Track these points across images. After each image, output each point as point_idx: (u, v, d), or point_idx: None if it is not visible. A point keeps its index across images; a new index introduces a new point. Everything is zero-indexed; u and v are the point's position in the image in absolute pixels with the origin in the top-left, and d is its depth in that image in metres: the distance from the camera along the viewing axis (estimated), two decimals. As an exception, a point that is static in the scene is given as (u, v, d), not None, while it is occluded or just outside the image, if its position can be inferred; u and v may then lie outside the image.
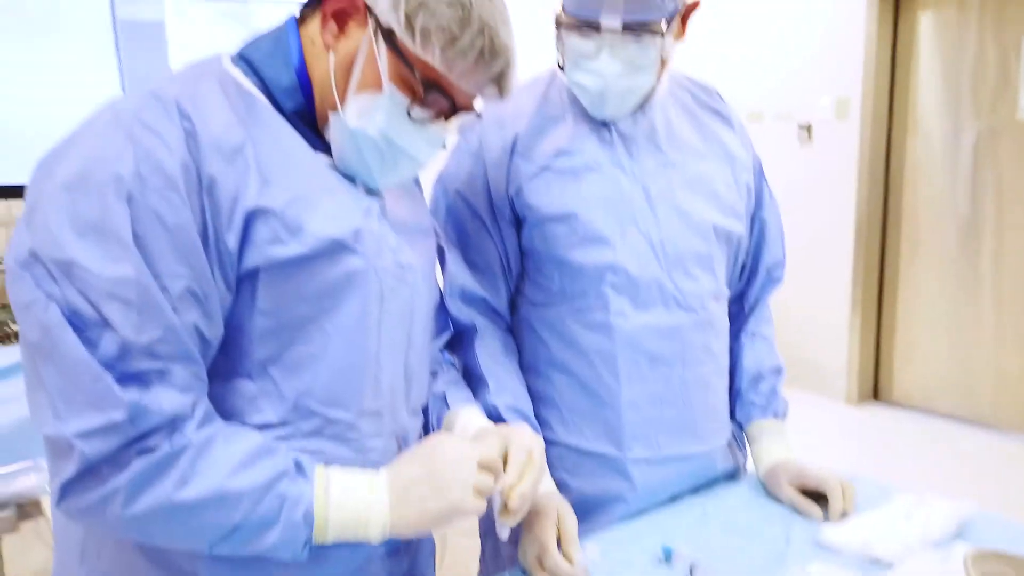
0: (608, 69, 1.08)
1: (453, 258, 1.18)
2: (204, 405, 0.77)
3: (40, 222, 0.72)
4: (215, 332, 0.78)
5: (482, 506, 0.84)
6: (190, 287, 0.74)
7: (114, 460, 0.72)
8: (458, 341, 1.20)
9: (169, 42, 2.40)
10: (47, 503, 1.36)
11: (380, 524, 0.81)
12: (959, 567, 0.95)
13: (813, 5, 4.15)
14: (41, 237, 0.71)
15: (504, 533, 0.92)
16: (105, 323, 0.71)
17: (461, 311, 1.18)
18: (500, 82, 0.87)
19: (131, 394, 0.71)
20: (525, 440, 0.94)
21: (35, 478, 1.39)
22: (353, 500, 0.80)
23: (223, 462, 0.75)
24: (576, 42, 1.08)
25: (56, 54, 2.32)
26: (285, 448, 0.81)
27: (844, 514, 1.16)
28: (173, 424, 0.74)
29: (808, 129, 4.24)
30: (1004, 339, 3.76)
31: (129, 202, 0.71)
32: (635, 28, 1.05)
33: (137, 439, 0.72)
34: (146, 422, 0.72)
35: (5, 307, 3.05)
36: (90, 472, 0.72)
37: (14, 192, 2.42)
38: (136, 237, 0.72)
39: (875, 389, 4.30)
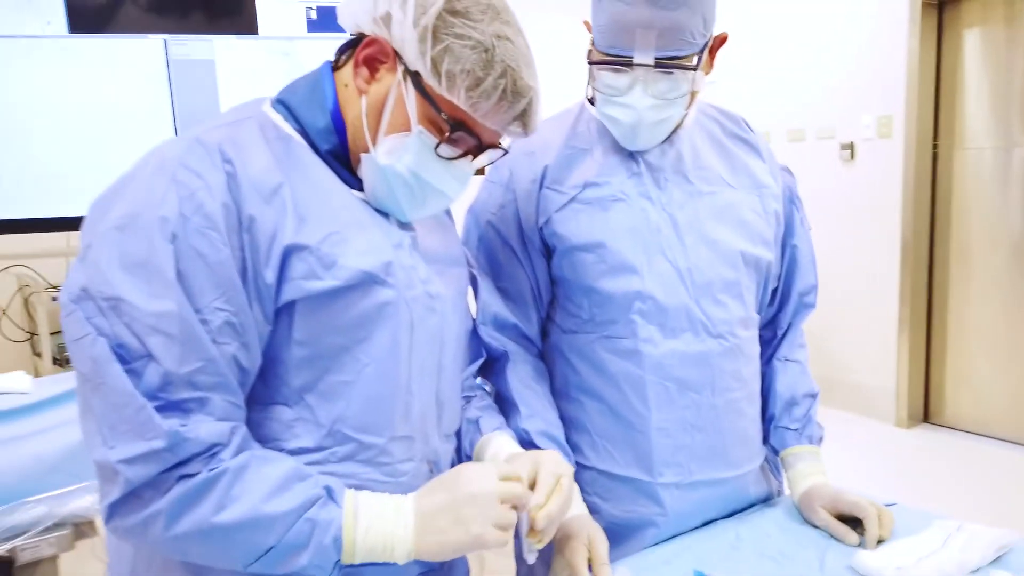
0: (640, 103, 1.10)
1: (485, 286, 1.21)
2: (241, 432, 0.81)
3: (92, 260, 0.77)
4: (253, 362, 0.83)
5: (503, 539, 0.85)
6: (229, 320, 0.79)
7: (156, 485, 0.76)
8: (490, 367, 1.23)
9: (219, 78, 2.50)
10: (101, 522, 1.43)
11: (405, 549, 0.83)
12: (994, 595, 0.94)
13: (854, 24, 4.13)
14: (92, 274, 0.77)
15: (531, 557, 0.94)
16: (149, 355, 0.75)
17: (493, 338, 1.21)
18: (523, 120, 0.90)
19: (171, 423, 0.75)
20: (554, 465, 0.96)
21: (90, 499, 1.45)
22: (380, 525, 0.83)
23: (257, 488, 0.79)
24: (609, 77, 1.11)
25: (113, 93, 2.44)
26: (316, 473, 0.84)
27: (880, 540, 1.14)
28: (211, 451, 0.78)
29: (851, 148, 4.20)
30: (1061, 359, 3.66)
31: (173, 241, 0.76)
32: (667, 64, 1.08)
33: (177, 465, 0.76)
34: (184, 450, 0.76)
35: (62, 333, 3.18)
36: (134, 495, 0.76)
37: (73, 224, 2.53)
38: (179, 274, 0.76)
39: (925, 411, 4.20)
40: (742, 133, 1.30)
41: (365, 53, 0.88)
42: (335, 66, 0.94)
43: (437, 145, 0.88)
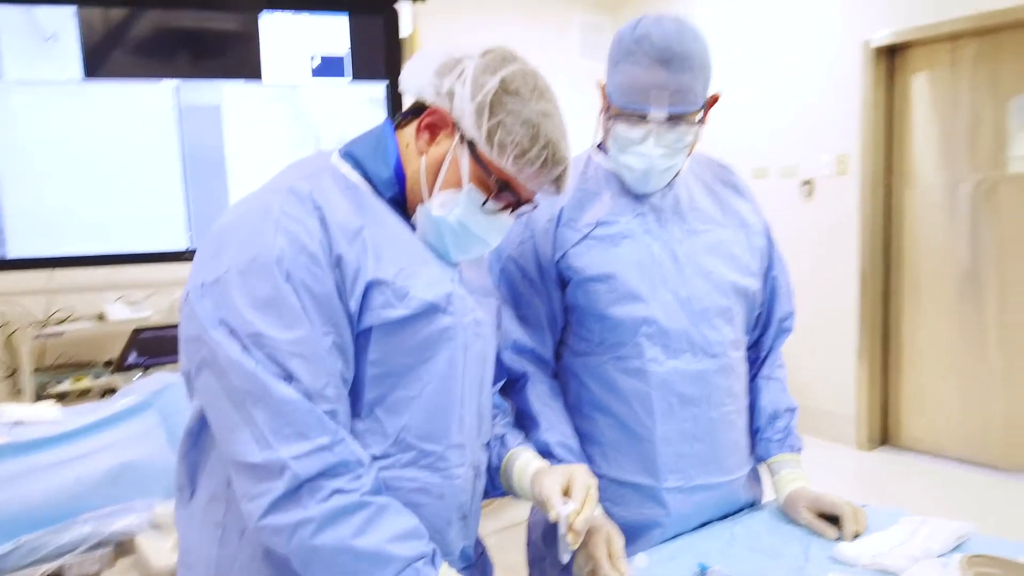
0: (653, 152, 1.28)
1: (506, 314, 1.36)
2: (376, 468, 0.96)
3: (227, 302, 0.90)
4: (351, 376, 0.97)
5: None
6: (336, 341, 0.93)
7: (314, 491, 0.89)
8: (511, 386, 1.37)
9: (224, 122, 2.64)
10: (143, 541, 1.53)
11: None
12: (956, 572, 1.10)
13: (813, 69, 4.40)
14: (230, 314, 0.90)
15: (566, 556, 1.07)
16: (291, 376, 0.89)
17: (514, 360, 1.36)
18: (558, 183, 1.06)
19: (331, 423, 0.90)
20: (585, 476, 1.12)
21: (133, 518, 1.55)
22: None
23: (388, 529, 0.92)
24: (625, 130, 1.28)
25: (125, 135, 2.56)
26: (427, 537, 0.97)
27: (856, 534, 1.30)
28: (357, 470, 0.92)
29: (810, 184, 4.46)
30: (1011, 382, 3.88)
31: (288, 279, 0.90)
32: (677, 119, 1.26)
33: (333, 473, 0.90)
34: (341, 452, 0.91)
35: (44, 370, 3.22)
36: (293, 496, 0.89)
37: (54, 263, 2.63)
38: (300, 305, 0.90)
39: (884, 434, 4.41)
40: (730, 179, 1.48)
41: (428, 120, 1.03)
42: (397, 125, 1.09)
43: (484, 201, 1.03)
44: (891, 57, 4.20)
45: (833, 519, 1.34)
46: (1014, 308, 3.86)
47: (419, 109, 1.06)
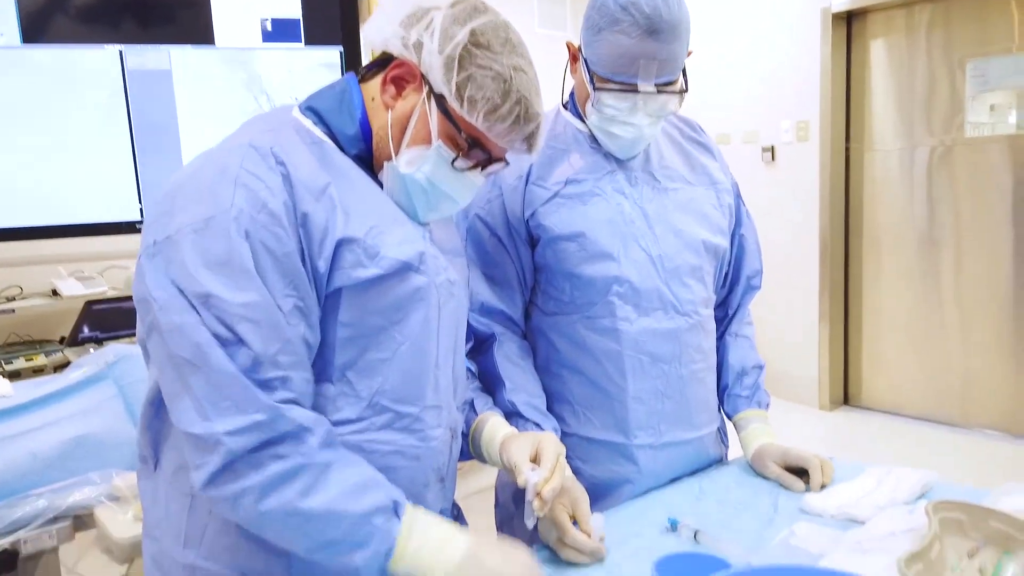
0: (642, 121, 1.26)
1: (473, 275, 1.33)
2: (326, 426, 0.91)
3: (177, 261, 0.85)
4: (315, 340, 0.92)
5: None
6: (297, 304, 0.89)
7: (251, 461, 0.85)
8: (478, 348, 1.35)
9: (176, 87, 2.55)
10: (101, 513, 1.48)
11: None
12: (922, 518, 1.12)
13: (772, 37, 4.41)
14: (179, 274, 0.85)
15: (531, 522, 1.06)
16: (240, 341, 0.84)
17: (480, 322, 1.33)
18: (530, 141, 1.02)
19: (271, 399, 0.85)
20: (554, 445, 1.10)
21: (89, 491, 1.50)
22: (427, 552, 0.91)
23: (337, 485, 0.88)
24: (612, 99, 1.25)
25: (68, 103, 2.46)
26: (388, 485, 0.92)
27: (823, 486, 1.32)
28: (300, 434, 0.87)
29: (772, 151, 4.48)
30: (968, 341, 3.98)
31: (247, 238, 0.85)
32: (664, 88, 1.23)
33: (271, 442, 0.85)
34: (280, 425, 0.85)
35: None
36: (231, 468, 0.85)
37: (25, 233, 2.53)
38: (255, 266, 0.86)
39: (846, 395, 4.51)
40: (697, 136, 1.46)
41: (394, 73, 0.98)
42: (361, 78, 1.04)
43: (454, 159, 0.99)
44: (849, 23, 4.23)
45: (801, 472, 1.35)
46: (970, 269, 3.95)
47: (385, 61, 1.01)
